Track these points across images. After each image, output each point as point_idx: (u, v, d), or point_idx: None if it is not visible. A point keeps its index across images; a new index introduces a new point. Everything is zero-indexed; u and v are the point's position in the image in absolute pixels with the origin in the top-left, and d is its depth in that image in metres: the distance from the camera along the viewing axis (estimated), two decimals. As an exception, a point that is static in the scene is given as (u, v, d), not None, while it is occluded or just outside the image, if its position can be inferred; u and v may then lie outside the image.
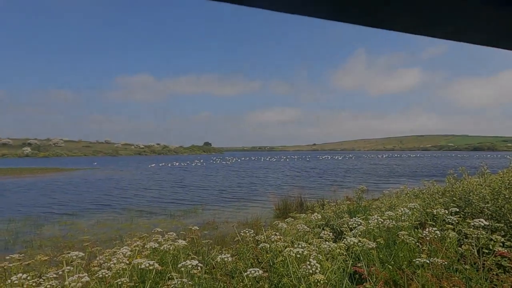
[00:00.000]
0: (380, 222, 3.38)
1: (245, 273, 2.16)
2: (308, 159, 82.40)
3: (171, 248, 3.15)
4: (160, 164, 56.84)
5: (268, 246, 2.92)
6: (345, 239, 2.62)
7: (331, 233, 3.34)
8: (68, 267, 2.54)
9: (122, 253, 3.08)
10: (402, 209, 3.58)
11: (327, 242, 2.72)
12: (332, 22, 0.57)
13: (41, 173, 38.84)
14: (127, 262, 2.54)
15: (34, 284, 2.15)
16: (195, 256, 3.12)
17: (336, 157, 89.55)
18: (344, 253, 2.54)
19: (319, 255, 2.50)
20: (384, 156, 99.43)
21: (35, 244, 8.92)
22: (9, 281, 2.21)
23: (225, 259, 2.33)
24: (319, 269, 2.08)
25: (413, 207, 3.70)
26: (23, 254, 2.76)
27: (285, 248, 2.44)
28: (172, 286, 2.08)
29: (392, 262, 2.88)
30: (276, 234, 2.72)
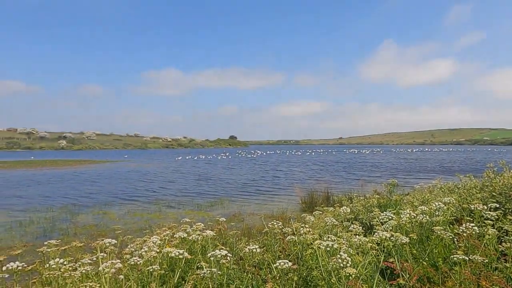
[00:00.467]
0: (412, 216, 3.25)
1: (274, 265, 2.14)
2: (334, 152, 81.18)
3: (199, 238, 3.19)
4: (187, 157, 57.97)
5: (296, 238, 2.88)
6: (376, 233, 2.53)
7: (361, 227, 3.25)
8: (102, 254, 2.63)
9: (153, 242, 3.15)
10: (436, 203, 3.42)
11: (357, 236, 2.64)
12: (360, 11, 0.51)
13: (76, 165, 40.71)
14: (158, 250, 2.59)
15: (70, 268, 2.23)
16: (222, 247, 3.14)
17: (364, 151, 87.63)
18: (376, 248, 2.46)
19: (349, 249, 2.43)
20: (414, 150, 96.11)
21: (71, 232, 9.36)
22: (47, 265, 2.31)
23: (254, 250, 2.31)
24: (350, 263, 2.02)
25: (448, 201, 3.52)
26: (59, 241, 2.88)
27: (314, 240, 2.39)
28: (201, 275, 2.10)
29: (426, 258, 2.76)
30: (305, 227, 2.68)
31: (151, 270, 2.16)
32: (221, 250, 2.11)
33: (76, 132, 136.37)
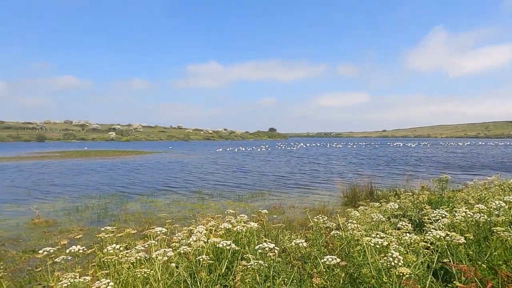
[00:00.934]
0: (469, 215, 3.04)
1: (322, 260, 2.12)
2: (376, 146, 78.28)
3: (243, 229, 3.24)
4: (227, 149, 59.06)
5: (342, 233, 2.82)
6: (430, 232, 2.41)
7: (410, 225, 3.11)
8: (153, 241, 2.77)
9: (199, 232, 3.26)
10: (496, 202, 3.17)
11: (408, 234, 2.53)
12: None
13: (124, 155, 43.15)
14: (205, 240, 2.67)
15: (126, 254, 2.37)
16: (266, 239, 3.16)
17: (409, 144, 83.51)
18: (430, 247, 2.34)
19: (399, 247, 2.34)
20: (466, 143, 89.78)
21: (121, 218, 9.96)
22: (105, 250, 2.47)
23: (300, 244, 2.30)
24: (401, 261, 1.94)
25: (510, 200, 3.25)
26: (115, 228, 3.07)
27: (362, 237, 2.33)
28: (248, 266, 2.13)
29: (485, 261, 2.58)
30: (353, 222, 2.61)
31: (201, 259, 2.23)
32: (268, 243, 2.12)
33: (124, 124, 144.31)
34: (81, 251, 2.54)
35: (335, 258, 2.03)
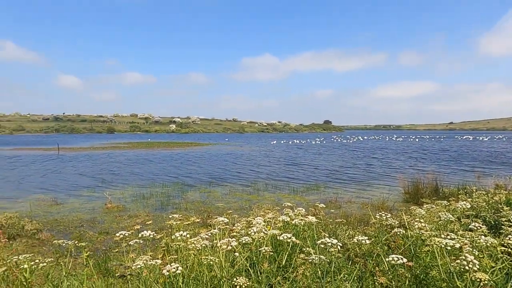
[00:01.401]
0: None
1: (387, 259, 2.05)
2: (442, 139, 72.52)
3: (302, 223, 3.25)
4: (282, 142, 59.15)
5: (409, 233, 2.69)
6: (510, 236, 2.19)
7: (484, 226, 2.86)
8: (216, 230, 2.90)
9: (257, 223, 3.34)
10: None
11: (484, 237, 2.33)
12: None
13: (184, 146, 45.50)
14: (266, 232, 2.73)
15: (194, 241, 2.51)
16: (326, 234, 3.14)
17: (481, 137, 75.96)
18: (509, 251, 2.14)
19: (474, 250, 2.17)
20: (551, 137, 79.18)
21: (182, 207, 10.55)
22: (173, 236, 2.65)
23: (362, 241, 2.25)
24: (477, 266, 1.81)
25: None
26: (180, 215, 3.27)
27: (431, 237, 2.20)
28: (309, 260, 2.14)
29: None
30: (420, 221, 2.48)
31: (263, 251, 2.30)
32: (331, 239, 2.10)
33: (183, 117, 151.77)
34: (151, 236, 2.75)
35: (402, 258, 1.95)
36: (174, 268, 2.07)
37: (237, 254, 2.40)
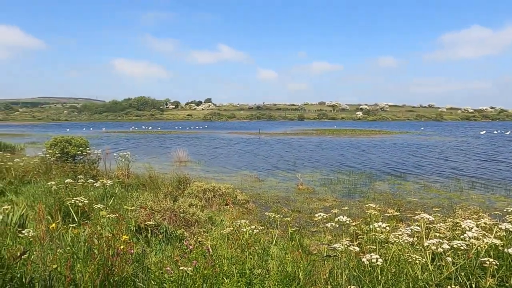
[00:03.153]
0: None
1: None
2: None
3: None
4: (494, 132, 47.81)
5: None
6: None
7: None
8: (417, 227, 2.63)
9: (467, 227, 2.81)
10: None
11: None
12: None
13: (371, 134, 43.98)
14: (485, 240, 2.25)
15: (396, 235, 2.37)
16: None
17: None
18: None
19: None
20: None
21: (370, 196, 10.25)
22: (371, 226, 2.58)
23: None
24: None
25: None
26: (378, 206, 3.15)
27: None
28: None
29: None
30: None
31: (487, 262, 1.91)
32: None
33: (370, 104, 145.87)
34: (347, 222, 2.78)
35: None
36: (374, 258, 2.01)
37: (449, 259, 2.09)
